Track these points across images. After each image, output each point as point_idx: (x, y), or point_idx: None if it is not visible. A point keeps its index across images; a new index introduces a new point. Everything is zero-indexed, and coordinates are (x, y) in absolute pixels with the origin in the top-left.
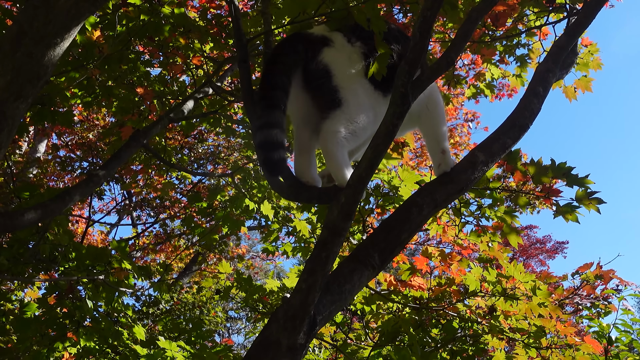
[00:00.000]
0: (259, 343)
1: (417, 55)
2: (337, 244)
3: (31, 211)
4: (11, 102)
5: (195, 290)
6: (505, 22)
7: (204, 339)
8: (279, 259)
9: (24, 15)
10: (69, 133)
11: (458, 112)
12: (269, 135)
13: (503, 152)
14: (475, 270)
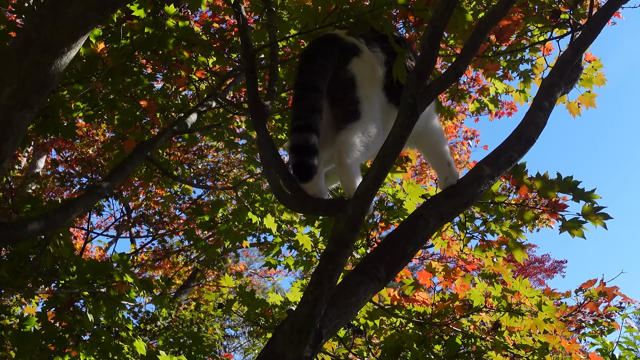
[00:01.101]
0: (264, 356)
1: (426, 66)
2: (343, 255)
3: (34, 222)
4: (17, 111)
5: (193, 307)
6: (510, 37)
7: (204, 354)
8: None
9: (31, 23)
10: (68, 149)
11: (458, 129)
12: (306, 139)
13: (509, 166)
14: (480, 286)
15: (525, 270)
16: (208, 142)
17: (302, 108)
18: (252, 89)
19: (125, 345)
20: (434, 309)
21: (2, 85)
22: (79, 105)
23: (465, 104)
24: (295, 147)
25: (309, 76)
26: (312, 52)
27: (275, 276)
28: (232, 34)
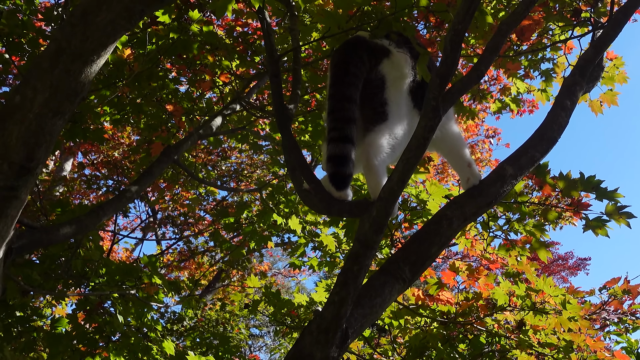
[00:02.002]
0: (292, 356)
1: (448, 69)
2: (368, 256)
3: (66, 226)
4: (49, 118)
5: (218, 307)
6: (531, 36)
7: (231, 354)
8: (301, 275)
9: (62, 32)
10: (94, 152)
11: (479, 128)
12: (342, 150)
13: (532, 166)
14: (504, 284)
15: (549, 268)
16: (231, 144)
17: (338, 119)
18: (277, 93)
19: (155, 345)
20: (458, 308)
21: (35, 93)
22: (106, 109)
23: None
24: (332, 157)
25: (344, 87)
26: (344, 61)
27: (299, 276)
28: (254, 37)
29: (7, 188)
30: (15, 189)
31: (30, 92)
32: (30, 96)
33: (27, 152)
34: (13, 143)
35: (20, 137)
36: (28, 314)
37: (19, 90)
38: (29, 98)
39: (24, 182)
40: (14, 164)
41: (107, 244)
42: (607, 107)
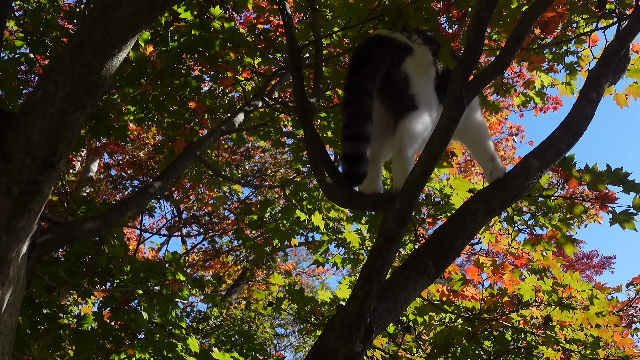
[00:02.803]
0: (315, 351)
1: (471, 58)
2: (392, 250)
3: (90, 222)
4: (71, 113)
5: (243, 306)
6: (554, 29)
7: (256, 352)
8: (325, 274)
9: (84, 27)
10: (120, 152)
11: (502, 126)
12: (357, 149)
13: (557, 158)
14: (530, 280)
15: (574, 267)
16: (255, 143)
17: (352, 114)
18: (299, 86)
19: (179, 343)
20: (483, 304)
21: (57, 88)
22: (130, 108)
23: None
24: (347, 156)
25: (360, 79)
26: (363, 54)
27: (323, 275)
28: (276, 35)
29: (30, 183)
30: (38, 184)
31: (52, 87)
32: (52, 91)
33: (50, 146)
34: (35, 138)
35: (43, 132)
36: (54, 311)
37: (41, 85)
38: (50, 92)
39: (47, 177)
40: (36, 158)
41: (133, 244)
42: (633, 100)
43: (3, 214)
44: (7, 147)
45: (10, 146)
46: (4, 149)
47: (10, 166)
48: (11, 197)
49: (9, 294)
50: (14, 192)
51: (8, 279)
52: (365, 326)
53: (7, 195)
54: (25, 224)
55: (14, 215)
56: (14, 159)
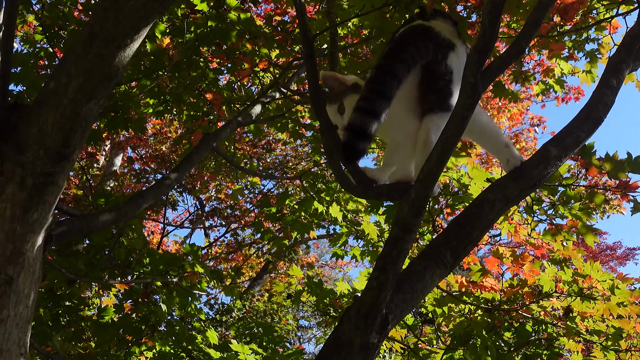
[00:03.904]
0: (331, 342)
1: (486, 43)
2: (408, 240)
3: (106, 213)
4: (84, 104)
5: (266, 298)
6: (574, 15)
7: (275, 344)
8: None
9: (95, 17)
10: (143, 146)
11: (524, 117)
12: (366, 123)
13: (577, 147)
14: (550, 270)
15: (597, 258)
16: (275, 136)
17: (373, 90)
18: (312, 75)
19: (199, 335)
20: (502, 295)
21: (69, 79)
22: (148, 102)
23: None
24: (352, 126)
25: (393, 62)
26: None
27: (345, 267)
28: (293, 26)
29: (44, 174)
30: (52, 175)
31: (64, 78)
32: (65, 82)
33: (63, 138)
34: (49, 129)
35: (56, 123)
36: (75, 303)
37: (54, 76)
38: (63, 84)
39: (61, 168)
40: (50, 150)
41: (157, 237)
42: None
43: (17, 206)
44: (21, 138)
45: (24, 138)
46: (17, 140)
47: (24, 157)
48: (25, 189)
49: (24, 286)
50: (28, 183)
51: (24, 270)
52: (381, 317)
53: (22, 186)
54: (40, 215)
55: (28, 206)
56: (27, 150)
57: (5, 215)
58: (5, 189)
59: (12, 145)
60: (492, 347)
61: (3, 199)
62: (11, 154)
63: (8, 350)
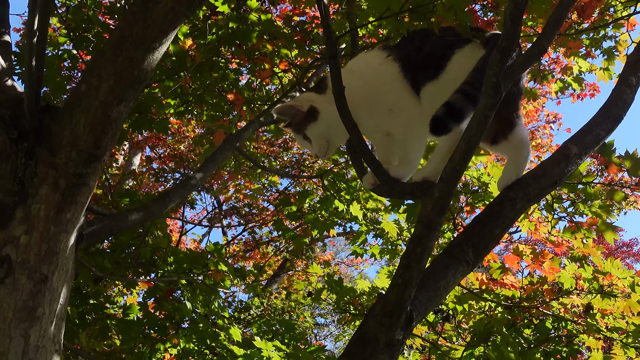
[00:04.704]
0: (357, 339)
1: (509, 44)
2: (431, 238)
3: (134, 213)
4: (115, 106)
5: (284, 295)
6: (592, 13)
7: (297, 341)
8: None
9: (125, 21)
10: (161, 145)
11: (539, 114)
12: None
13: (596, 145)
14: (570, 268)
15: (614, 255)
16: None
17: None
18: (336, 76)
19: (222, 332)
20: (522, 292)
21: (100, 81)
22: (170, 102)
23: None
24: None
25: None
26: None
27: (362, 265)
28: (312, 26)
29: (77, 175)
30: (84, 176)
31: (95, 80)
32: (96, 84)
33: (95, 139)
34: (81, 131)
35: (87, 125)
36: (101, 301)
37: (85, 79)
38: (94, 86)
39: (92, 169)
40: (82, 151)
41: (175, 235)
42: None
43: (51, 206)
44: (53, 140)
45: (56, 139)
46: (51, 142)
47: (57, 159)
48: (59, 190)
49: (58, 284)
50: (61, 184)
51: (58, 269)
52: (405, 314)
53: (55, 187)
54: (72, 215)
55: (61, 207)
56: (60, 152)
57: (39, 215)
58: (40, 190)
59: (45, 147)
60: (514, 344)
61: (37, 199)
62: (45, 156)
63: (44, 347)
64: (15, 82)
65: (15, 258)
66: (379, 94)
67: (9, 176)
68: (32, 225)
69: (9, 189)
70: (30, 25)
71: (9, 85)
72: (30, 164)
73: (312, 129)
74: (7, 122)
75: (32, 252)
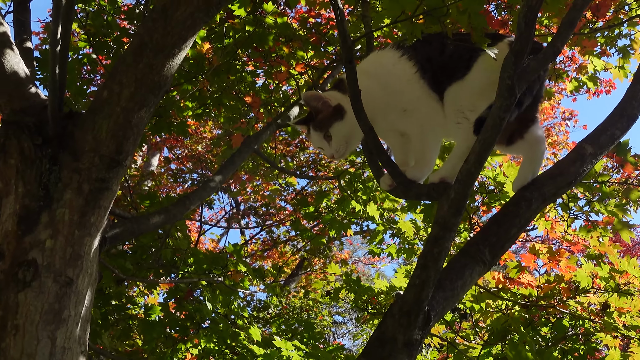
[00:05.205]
0: (375, 339)
1: (522, 46)
2: (448, 239)
3: (156, 215)
4: (136, 112)
5: (302, 294)
6: (606, 12)
7: (315, 340)
8: (380, 263)
9: (144, 28)
10: (179, 146)
11: (555, 111)
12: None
13: (612, 144)
14: (586, 266)
15: (630, 252)
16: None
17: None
18: (352, 79)
19: (242, 332)
20: (539, 291)
21: (121, 88)
22: (188, 105)
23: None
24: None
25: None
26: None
27: (379, 263)
28: (327, 28)
29: (99, 180)
30: (107, 181)
31: (116, 87)
32: (117, 90)
33: (117, 145)
34: (103, 136)
35: (110, 131)
36: (123, 302)
37: (106, 86)
38: (115, 92)
39: (115, 173)
40: (104, 157)
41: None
42: None
43: (75, 211)
44: (76, 146)
45: (79, 145)
46: (74, 147)
47: (80, 164)
48: (82, 194)
49: (83, 287)
50: (84, 189)
51: (82, 272)
52: (423, 314)
53: (79, 192)
54: (96, 219)
55: (85, 211)
56: (83, 157)
57: (64, 219)
58: (64, 195)
59: (68, 153)
60: (531, 342)
61: (62, 204)
62: (68, 161)
63: (70, 349)
64: (39, 89)
65: (41, 262)
66: (393, 95)
67: (34, 181)
68: (57, 230)
69: (35, 194)
70: (54, 35)
71: (32, 93)
72: (54, 169)
73: (337, 128)
74: (32, 129)
75: (58, 256)
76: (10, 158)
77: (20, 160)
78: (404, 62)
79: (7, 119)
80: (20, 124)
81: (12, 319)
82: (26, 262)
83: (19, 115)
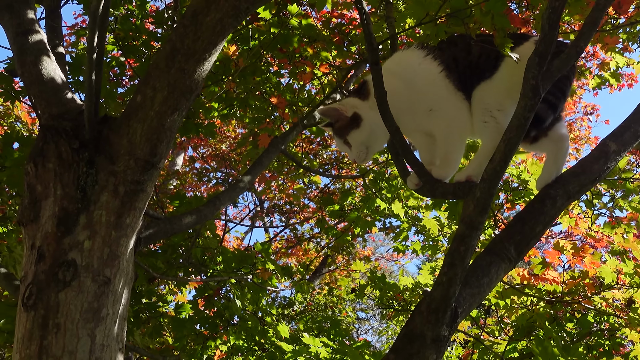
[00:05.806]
0: (404, 335)
1: (546, 47)
2: (474, 237)
3: (188, 216)
4: (169, 115)
5: (326, 291)
6: (628, 8)
7: (342, 337)
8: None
9: (176, 33)
10: (203, 146)
11: (577, 105)
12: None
13: (635, 141)
14: (611, 262)
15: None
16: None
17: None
18: (378, 81)
19: (270, 329)
20: (564, 287)
21: (155, 92)
22: (214, 105)
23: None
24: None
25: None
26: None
27: (402, 260)
28: (350, 28)
29: (135, 182)
30: (142, 183)
31: (150, 92)
32: (151, 95)
33: (151, 147)
34: (137, 140)
35: (144, 134)
36: (154, 300)
37: (140, 90)
38: (149, 97)
39: (149, 176)
40: (139, 159)
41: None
42: None
43: (112, 212)
44: (112, 149)
45: (115, 148)
46: (110, 151)
47: (116, 167)
48: (118, 196)
49: (120, 286)
50: (120, 191)
51: (119, 271)
52: (451, 311)
53: (115, 194)
54: (131, 220)
55: (121, 212)
56: (119, 160)
57: (101, 221)
58: (101, 197)
59: (105, 156)
60: (557, 338)
61: (99, 206)
62: (104, 164)
63: (108, 346)
64: (74, 94)
65: (80, 262)
66: (419, 94)
67: (72, 184)
68: (94, 231)
69: (73, 197)
70: (91, 42)
71: (69, 98)
72: (91, 172)
73: (354, 136)
74: (69, 134)
75: (96, 256)
76: (48, 162)
77: (58, 163)
78: (429, 61)
79: (45, 123)
80: (58, 128)
81: (54, 318)
82: (66, 262)
83: (56, 120)
